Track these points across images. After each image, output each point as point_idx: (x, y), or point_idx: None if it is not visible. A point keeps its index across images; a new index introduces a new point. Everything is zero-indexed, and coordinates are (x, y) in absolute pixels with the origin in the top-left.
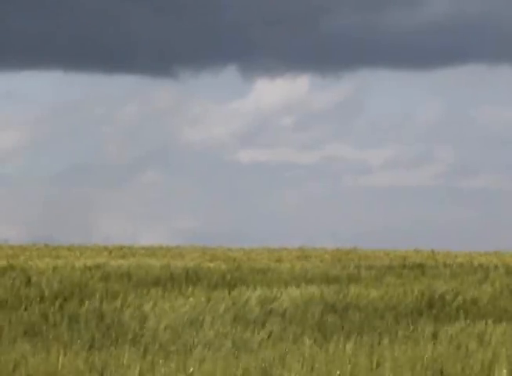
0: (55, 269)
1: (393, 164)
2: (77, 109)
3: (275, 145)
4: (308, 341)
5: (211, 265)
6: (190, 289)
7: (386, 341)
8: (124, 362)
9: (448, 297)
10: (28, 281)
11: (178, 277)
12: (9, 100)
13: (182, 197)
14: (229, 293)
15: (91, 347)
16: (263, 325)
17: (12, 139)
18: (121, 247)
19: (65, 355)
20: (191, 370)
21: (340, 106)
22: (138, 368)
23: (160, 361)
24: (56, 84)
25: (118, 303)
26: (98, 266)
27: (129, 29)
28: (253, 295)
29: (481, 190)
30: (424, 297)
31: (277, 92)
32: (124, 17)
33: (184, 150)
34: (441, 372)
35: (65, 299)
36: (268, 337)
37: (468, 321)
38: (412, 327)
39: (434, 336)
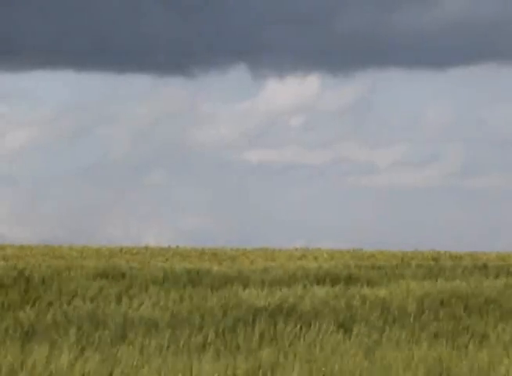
0: (55, 269)
1: (401, 165)
2: (88, 109)
3: (284, 145)
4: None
5: (215, 266)
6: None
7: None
8: (121, 361)
9: (453, 296)
10: (28, 282)
11: (180, 278)
12: (19, 100)
13: (189, 197)
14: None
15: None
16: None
17: (20, 139)
18: (124, 248)
19: (61, 355)
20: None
21: (350, 105)
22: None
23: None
24: (68, 84)
25: (118, 304)
26: (99, 267)
27: (140, 29)
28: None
29: (489, 190)
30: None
31: (287, 92)
32: (135, 17)
33: (192, 150)
34: (442, 372)
35: (63, 300)
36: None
37: (468, 321)
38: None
39: (436, 336)
